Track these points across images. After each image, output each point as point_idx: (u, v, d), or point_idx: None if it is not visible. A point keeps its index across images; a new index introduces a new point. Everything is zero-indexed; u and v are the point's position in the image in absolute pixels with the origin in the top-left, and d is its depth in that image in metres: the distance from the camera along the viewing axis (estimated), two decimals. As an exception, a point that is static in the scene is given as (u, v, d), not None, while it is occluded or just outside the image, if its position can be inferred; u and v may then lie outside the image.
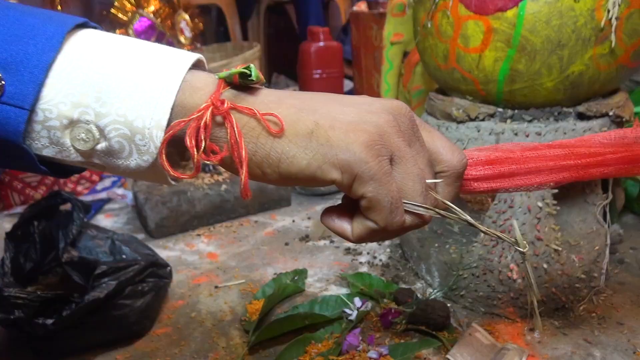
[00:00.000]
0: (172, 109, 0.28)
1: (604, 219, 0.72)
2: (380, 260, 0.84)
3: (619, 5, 0.55)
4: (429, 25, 0.66)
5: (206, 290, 0.78)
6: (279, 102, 0.30)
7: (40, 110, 0.27)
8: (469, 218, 0.31)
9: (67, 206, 0.77)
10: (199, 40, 1.39)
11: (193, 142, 0.27)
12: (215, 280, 0.81)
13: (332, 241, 0.91)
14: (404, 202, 0.30)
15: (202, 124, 0.28)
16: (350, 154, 0.27)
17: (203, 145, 0.28)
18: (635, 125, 0.61)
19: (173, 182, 0.32)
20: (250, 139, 0.28)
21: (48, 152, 0.28)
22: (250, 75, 0.29)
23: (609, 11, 0.55)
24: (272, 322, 0.66)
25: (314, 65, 1.53)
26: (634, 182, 0.88)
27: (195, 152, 0.28)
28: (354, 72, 1.64)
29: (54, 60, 0.27)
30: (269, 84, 2.38)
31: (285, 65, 2.25)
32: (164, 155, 0.28)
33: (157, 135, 0.28)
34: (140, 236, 0.98)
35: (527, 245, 0.33)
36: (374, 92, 1.34)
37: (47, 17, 0.28)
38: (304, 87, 1.62)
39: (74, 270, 0.69)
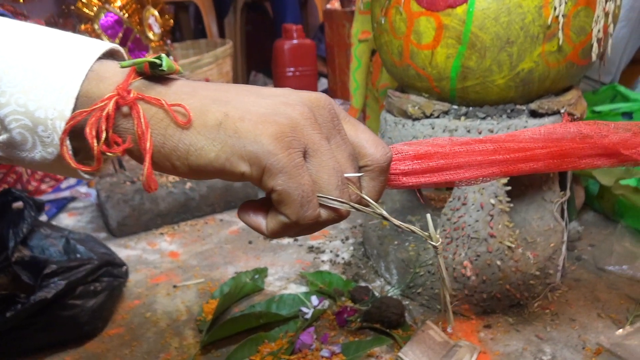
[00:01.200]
0: (76, 98, 0.27)
1: (562, 216, 0.73)
2: (343, 258, 0.83)
3: (566, 3, 0.55)
4: (383, 21, 0.66)
5: (164, 289, 0.77)
6: (193, 93, 0.29)
7: None
8: (384, 212, 0.31)
9: (20, 204, 0.75)
10: (169, 36, 1.37)
11: (93, 132, 0.27)
12: (175, 279, 0.80)
13: (295, 240, 0.91)
14: (319, 196, 0.29)
15: (104, 114, 0.27)
16: (259, 145, 0.27)
17: (104, 136, 0.27)
18: (565, 121, 0.61)
19: (87, 177, 0.31)
20: (158, 131, 0.28)
21: None
22: (161, 65, 0.28)
23: (555, 8, 0.55)
24: (226, 322, 0.65)
25: (288, 62, 1.52)
26: (595, 180, 0.88)
27: (95, 144, 0.27)
28: (328, 70, 1.64)
29: None
30: (247, 81, 2.37)
31: (264, 63, 2.23)
32: (65, 147, 0.27)
33: (61, 127, 0.27)
34: (102, 235, 0.96)
35: (439, 239, 0.32)
36: (348, 90, 1.34)
37: None
38: (278, 84, 1.61)
39: (23, 270, 0.67)
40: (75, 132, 0.28)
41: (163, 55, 0.29)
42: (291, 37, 1.52)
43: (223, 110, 0.28)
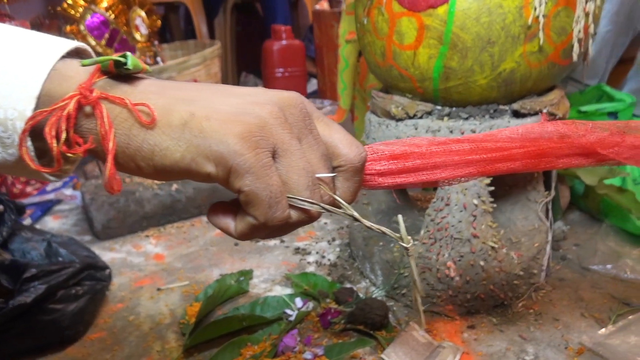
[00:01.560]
0: (37, 98, 0.27)
1: (547, 216, 0.73)
2: (329, 259, 0.83)
3: (546, 3, 0.55)
4: (365, 22, 0.65)
5: (148, 292, 0.77)
6: (160, 93, 0.28)
7: None
8: (355, 213, 0.31)
9: (1, 208, 0.74)
10: (157, 37, 1.37)
11: (53, 132, 0.26)
12: (159, 282, 0.79)
13: (282, 241, 0.90)
14: (289, 197, 0.29)
15: (64, 113, 0.26)
16: (224, 145, 0.26)
17: (64, 136, 0.26)
18: (542, 120, 0.61)
19: (52, 178, 0.30)
20: (122, 131, 0.27)
21: None
22: (126, 64, 0.28)
23: (535, 9, 0.55)
24: (209, 325, 0.65)
25: (277, 63, 1.52)
26: (580, 180, 0.89)
27: (55, 144, 0.26)
28: (317, 71, 1.64)
29: None
30: (237, 82, 2.36)
31: (255, 64, 2.23)
32: (24, 148, 0.27)
33: (21, 127, 0.27)
34: (87, 238, 0.95)
35: (410, 241, 0.32)
36: (337, 90, 1.34)
37: None
38: (267, 85, 1.61)
39: (3, 274, 0.66)
40: (37, 133, 0.27)
41: (128, 53, 0.28)
42: (280, 38, 1.52)
43: (189, 109, 0.27)
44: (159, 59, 1.36)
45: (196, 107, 0.27)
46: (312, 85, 1.92)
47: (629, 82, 1.17)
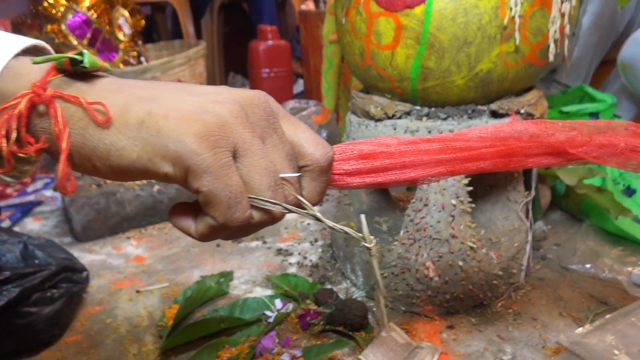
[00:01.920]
0: None
1: (527, 216, 0.73)
2: (311, 260, 0.83)
3: (522, 4, 0.56)
4: (344, 22, 0.65)
5: (127, 295, 0.76)
6: (119, 91, 0.28)
7: None
8: (317, 213, 0.30)
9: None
10: (141, 37, 1.35)
11: (3, 132, 0.25)
12: (138, 284, 0.78)
13: (264, 242, 0.90)
14: (250, 197, 0.28)
15: (16, 112, 0.26)
16: (181, 145, 0.26)
17: (14, 135, 0.26)
18: (512, 120, 0.62)
19: (7, 179, 0.29)
20: (78, 130, 0.27)
21: None
22: (82, 62, 0.27)
23: (511, 9, 0.55)
24: (186, 327, 0.64)
25: (263, 64, 1.51)
26: (561, 180, 0.89)
27: (4, 144, 0.26)
28: (304, 71, 1.64)
29: None
30: (225, 82, 2.35)
31: (242, 65, 2.22)
32: None
33: None
34: (67, 240, 0.94)
35: (373, 241, 0.32)
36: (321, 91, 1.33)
37: None
38: (253, 85, 1.60)
39: (-24, 277, 0.65)
40: None
41: (84, 51, 0.28)
42: (266, 38, 1.52)
43: (147, 108, 0.27)
44: (143, 59, 1.35)
45: (154, 106, 0.27)
46: (300, 85, 1.92)
47: (610, 84, 1.18)
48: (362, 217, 0.32)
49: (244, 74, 2.20)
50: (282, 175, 0.30)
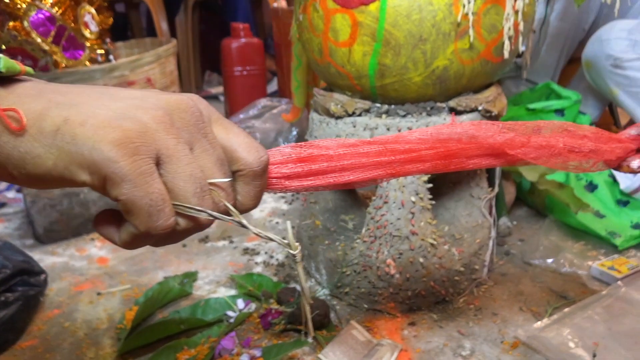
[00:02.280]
0: None
1: (490, 212, 0.74)
2: (277, 259, 0.82)
3: (475, 1, 0.56)
4: (302, 18, 0.65)
5: (87, 297, 0.74)
6: (38, 96, 0.27)
7: None
8: (242, 220, 0.30)
9: None
10: (109, 35, 1.33)
11: None
12: (100, 286, 0.77)
13: (231, 242, 0.89)
14: (175, 204, 0.28)
15: None
16: (97, 152, 0.25)
17: None
18: (452, 121, 0.62)
19: None
20: None
21: None
22: None
23: (464, 6, 0.56)
24: (144, 329, 0.63)
25: (235, 62, 1.50)
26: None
27: None
28: (277, 69, 1.63)
29: None
30: (202, 81, 2.32)
31: (218, 63, 2.20)
32: None
33: None
34: (29, 242, 0.92)
35: (298, 247, 0.31)
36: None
37: None
38: (226, 84, 1.58)
39: None
40: None
41: (1, 55, 0.27)
42: (239, 36, 1.50)
43: (64, 114, 0.26)
44: (111, 57, 1.32)
45: (72, 112, 0.26)
46: (275, 84, 1.91)
47: (577, 81, 1.20)
48: (288, 223, 0.32)
49: (219, 72, 2.18)
50: (211, 180, 0.29)
